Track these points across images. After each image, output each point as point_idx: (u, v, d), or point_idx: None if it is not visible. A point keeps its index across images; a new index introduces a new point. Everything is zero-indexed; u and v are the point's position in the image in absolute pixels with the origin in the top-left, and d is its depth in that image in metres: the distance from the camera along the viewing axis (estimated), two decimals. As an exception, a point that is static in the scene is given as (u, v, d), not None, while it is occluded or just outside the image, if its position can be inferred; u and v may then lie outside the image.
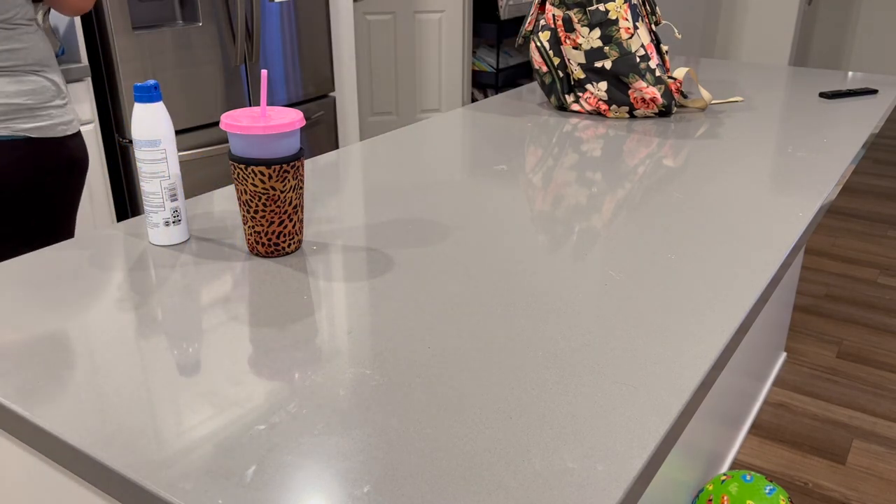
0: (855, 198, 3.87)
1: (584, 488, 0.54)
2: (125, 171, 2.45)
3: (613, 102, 1.55)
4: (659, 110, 1.56)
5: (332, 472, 0.56)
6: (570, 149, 1.36)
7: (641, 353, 0.71)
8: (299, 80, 2.88)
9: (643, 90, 1.52)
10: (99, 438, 0.60)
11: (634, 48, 1.50)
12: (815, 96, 1.74)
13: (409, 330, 0.75)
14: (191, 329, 0.75)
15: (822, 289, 2.89)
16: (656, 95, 1.53)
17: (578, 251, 0.93)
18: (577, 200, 1.11)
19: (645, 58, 1.51)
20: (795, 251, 0.97)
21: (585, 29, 1.51)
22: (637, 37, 1.50)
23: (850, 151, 1.33)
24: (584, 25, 1.51)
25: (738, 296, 0.82)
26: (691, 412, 0.66)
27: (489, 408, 0.63)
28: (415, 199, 1.11)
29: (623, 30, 1.49)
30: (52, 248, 0.95)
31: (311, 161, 1.30)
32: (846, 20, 5.77)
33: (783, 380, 2.30)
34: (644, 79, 1.51)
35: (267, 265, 0.90)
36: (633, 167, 1.25)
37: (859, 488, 1.85)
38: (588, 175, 1.22)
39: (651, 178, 1.20)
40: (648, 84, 1.52)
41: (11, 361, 0.70)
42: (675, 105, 1.60)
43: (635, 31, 1.50)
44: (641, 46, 1.51)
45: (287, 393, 0.65)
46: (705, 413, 1.56)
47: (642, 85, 1.52)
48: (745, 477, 1.60)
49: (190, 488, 0.54)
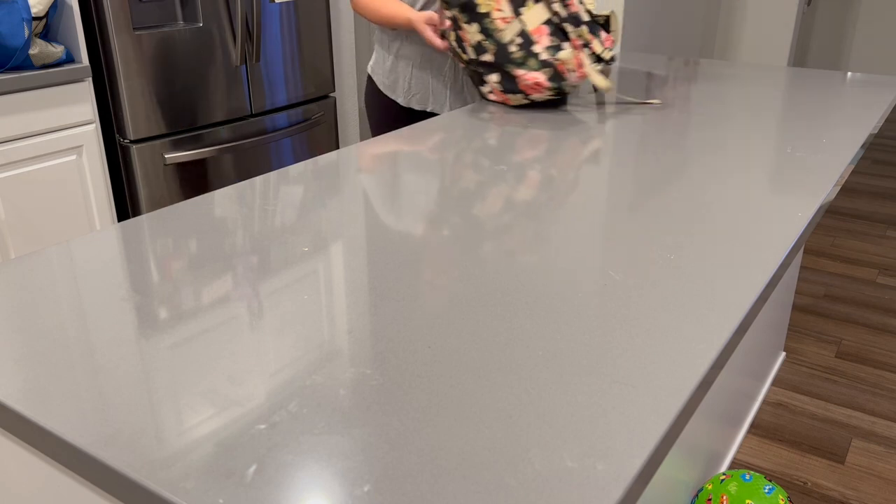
0: (854, 198, 3.87)
1: (583, 487, 0.54)
2: (125, 171, 2.45)
3: (509, 92, 1.59)
4: (554, 94, 1.57)
5: (332, 471, 0.56)
6: (571, 149, 1.36)
7: (641, 353, 0.71)
8: (299, 80, 2.88)
9: (524, 77, 1.54)
10: (100, 438, 0.60)
11: (507, 38, 1.53)
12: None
13: (409, 330, 0.75)
14: (191, 328, 0.76)
15: (821, 289, 2.89)
16: (539, 80, 1.54)
17: (578, 251, 0.94)
18: (578, 200, 1.11)
19: (526, 44, 1.53)
20: (794, 251, 0.97)
21: (468, 25, 1.55)
22: (513, 26, 1.53)
23: (849, 151, 1.33)
24: (465, 22, 1.55)
25: (738, 296, 0.82)
26: (691, 412, 0.67)
27: (489, 408, 0.63)
28: (415, 199, 1.11)
29: (498, 20, 1.52)
30: (52, 248, 0.95)
31: (312, 161, 1.30)
32: (846, 20, 5.77)
33: (782, 379, 2.30)
34: (524, 66, 1.54)
35: (267, 265, 0.90)
36: (633, 167, 1.26)
37: (858, 488, 1.85)
38: (588, 175, 1.22)
39: (651, 179, 1.20)
40: (529, 70, 1.54)
41: (12, 361, 0.70)
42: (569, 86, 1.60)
43: (516, 17, 1.52)
44: (520, 34, 1.53)
45: (287, 392, 0.65)
46: (704, 412, 1.57)
47: (521, 72, 1.54)
48: (744, 476, 1.60)
49: (191, 487, 0.54)
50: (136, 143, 2.40)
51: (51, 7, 2.19)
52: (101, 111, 2.41)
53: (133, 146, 2.40)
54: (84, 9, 2.28)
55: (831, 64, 5.94)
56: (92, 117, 2.30)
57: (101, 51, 2.31)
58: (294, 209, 1.08)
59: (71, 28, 2.22)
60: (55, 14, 2.25)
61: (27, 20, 2.07)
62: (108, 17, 2.24)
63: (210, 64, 2.54)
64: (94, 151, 2.33)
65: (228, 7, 2.54)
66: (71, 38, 2.24)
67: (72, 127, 2.26)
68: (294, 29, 2.80)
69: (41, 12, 2.15)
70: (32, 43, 2.13)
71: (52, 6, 2.20)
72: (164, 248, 0.95)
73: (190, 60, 2.48)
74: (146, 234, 0.99)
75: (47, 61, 2.18)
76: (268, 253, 0.93)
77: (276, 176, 1.23)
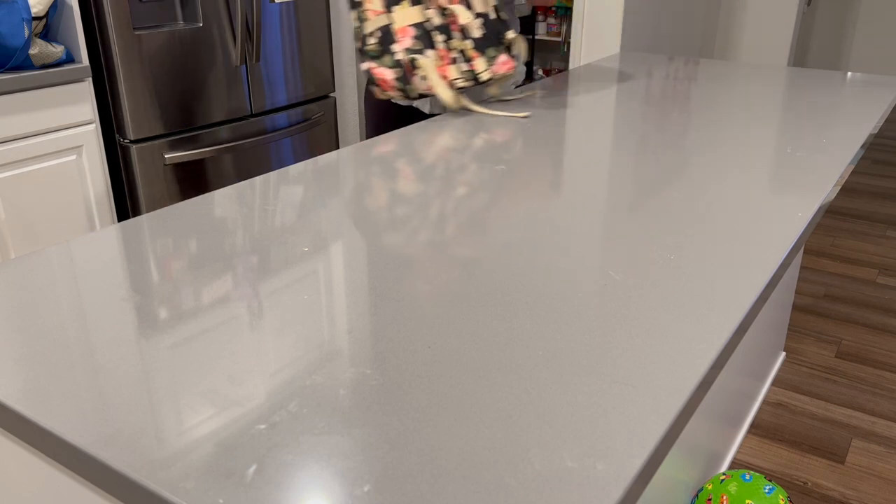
0: (854, 198, 3.88)
1: (583, 487, 0.54)
2: (125, 171, 2.45)
3: (370, 83, 1.63)
4: (401, 95, 1.60)
5: (332, 471, 0.56)
6: (571, 149, 1.36)
7: (641, 353, 0.71)
8: (299, 80, 2.88)
9: (374, 71, 1.58)
10: (100, 438, 0.60)
11: (368, 30, 1.55)
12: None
13: (409, 330, 0.75)
14: (191, 328, 0.76)
15: (821, 289, 2.89)
16: (386, 77, 1.56)
17: (578, 251, 0.94)
18: (578, 200, 1.11)
19: (385, 41, 1.55)
20: (794, 251, 0.97)
21: (351, 12, 1.60)
22: (378, 19, 1.55)
23: (849, 151, 1.33)
24: (350, 9, 1.60)
25: (738, 296, 0.82)
26: (691, 412, 0.67)
27: (489, 408, 0.63)
28: (415, 199, 1.11)
29: (369, 11, 1.55)
30: (52, 248, 0.95)
31: (312, 161, 1.30)
32: (846, 20, 5.77)
33: (782, 379, 2.30)
34: (378, 60, 1.56)
35: (267, 265, 0.90)
36: (632, 167, 1.26)
37: (858, 488, 1.85)
38: (588, 175, 1.22)
39: (651, 179, 1.20)
40: (382, 65, 1.57)
41: (12, 361, 0.70)
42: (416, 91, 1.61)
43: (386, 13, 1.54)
44: (382, 29, 1.55)
45: (287, 392, 0.65)
46: (704, 412, 1.57)
47: (373, 65, 1.57)
48: (744, 476, 1.60)
49: (191, 487, 0.54)
50: (136, 143, 2.40)
51: (51, 7, 2.19)
52: (101, 111, 2.41)
53: (133, 146, 2.40)
54: (84, 9, 2.28)
55: (831, 64, 5.94)
56: (92, 117, 2.30)
57: (101, 51, 2.31)
58: (294, 209, 1.08)
59: (71, 28, 2.22)
60: (55, 14, 2.25)
61: (27, 20, 2.07)
62: (108, 17, 2.24)
63: (210, 64, 2.54)
64: (94, 151, 2.33)
65: (228, 7, 2.54)
66: (71, 38, 2.24)
67: (72, 127, 2.26)
68: (294, 29, 2.80)
69: (41, 12, 2.15)
70: (32, 43, 2.13)
71: (52, 6, 2.21)
72: (164, 248, 0.95)
73: (190, 60, 2.48)
74: (146, 234, 0.99)
75: (47, 61, 2.18)
76: (268, 253, 0.93)
77: (276, 176, 1.23)
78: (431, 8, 1.57)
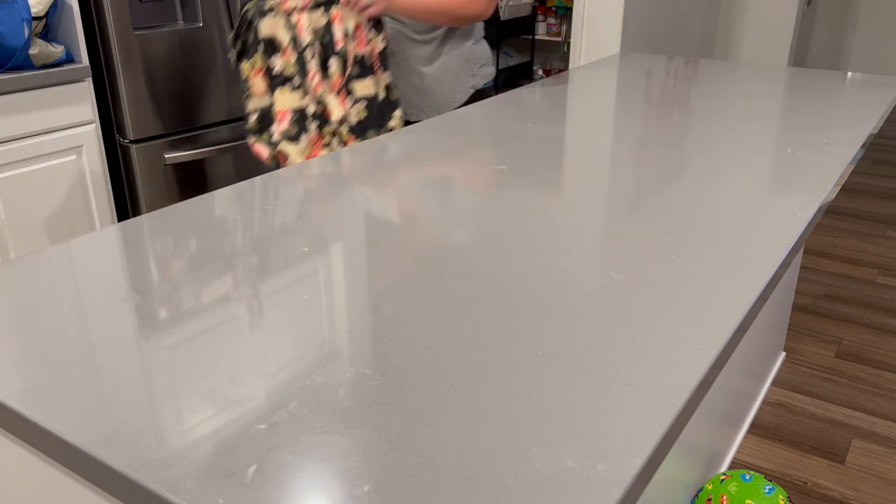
0: (854, 198, 3.88)
1: (583, 487, 0.54)
2: (125, 171, 2.45)
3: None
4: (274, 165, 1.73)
5: (332, 471, 0.56)
6: (571, 149, 1.36)
7: (641, 353, 0.71)
8: (299, 80, 2.87)
9: (253, 145, 1.72)
10: (100, 438, 0.60)
11: (250, 108, 1.70)
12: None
13: (409, 330, 0.75)
14: (191, 328, 0.76)
15: (821, 289, 2.89)
16: (263, 154, 1.70)
17: (578, 251, 0.94)
18: (578, 200, 1.11)
19: (265, 120, 1.69)
20: (794, 251, 0.97)
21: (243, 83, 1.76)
22: (261, 99, 1.68)
23: (849, 151, 1.33)
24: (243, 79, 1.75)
25: (738, 296, 0.82)
26: (690, 412, 0.67)
27: (489, 408, 0.63)
28: (414, 199, 1.11)
29: (253, 89, 1.70)
30: (52, 248, 0.95)
31: (311, 161, 1.30)
32: (846, 20, 5.77)
33: (782, 379, 2.30)
34: (256, 135, 1.71)
35: (267, 265, 0.90)
36: (632, 167, 1.26)
37: (858, 488, 1.85)
38: (588, 175, 1.22)
39: (651, 179, 1.20)
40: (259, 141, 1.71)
41: (12, 361, 0.70)
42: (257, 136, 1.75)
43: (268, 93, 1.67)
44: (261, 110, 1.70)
45: (287, 392, 0.65)
46: (704, 412, 1.57)
47: (252, 140, 1.72)
48: (744, 476, 1.60)
49: (191, 487, 0.54)
50: (135, 143, 2.40)
51: (51, 7, 2.19)
52: (101, 111, 2.41)
53: (133, 146, 2.40)
54: (84, 9, 2.28)
55: (831, 64, 5.94)
56: (92, 117, 2.30)
57: (101, 51, 2.31)
58: (294, 209, 1.08)
59: (71, 28, 2.22)
60: (55, 14, 2.25)
61: (27, 20, 2.07)
62: (108, 17, 2.24)
63: (210, 64, 2.54)
64: (94, 151, 2.33)
65: (228, 7, 2.54)
66: (71, 38, 2.24)
67: (72, 127, 2.26)
68: (294, 29, 2.80)
69: (41, 12, 2.15)
70: (32, 43, 2.13)
71: (52, 6, 2.20)
72: (164, 248, 0.95)
73: (190, 60, 2.48)
74: (146, 234, 0.99)
75: (47, 61, 2.18)
76: (268, 253, 0.93)
77: (276, 176, 1.23)
78: (308, 95, 1.67)
